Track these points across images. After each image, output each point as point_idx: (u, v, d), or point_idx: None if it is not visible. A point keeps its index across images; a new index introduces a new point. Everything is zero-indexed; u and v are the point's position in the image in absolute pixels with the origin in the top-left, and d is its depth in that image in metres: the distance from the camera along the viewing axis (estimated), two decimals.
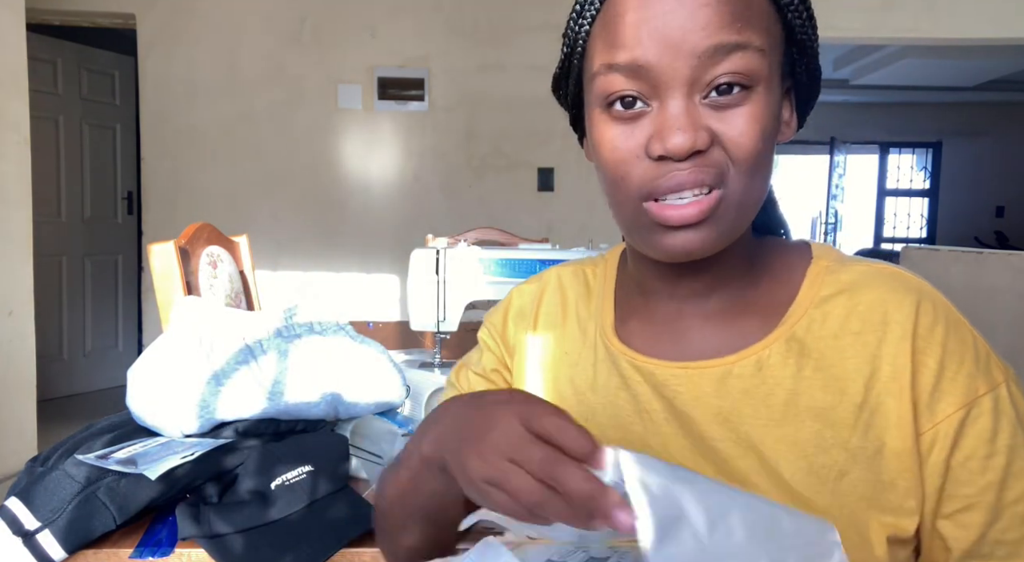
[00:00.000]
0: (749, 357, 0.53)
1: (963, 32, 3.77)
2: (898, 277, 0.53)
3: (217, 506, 0.84)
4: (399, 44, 3.66)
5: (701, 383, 0.54)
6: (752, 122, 0.48)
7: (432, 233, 2.51)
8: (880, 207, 7.74)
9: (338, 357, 1.06)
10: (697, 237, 0.49)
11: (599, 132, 0.51)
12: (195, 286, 1.54)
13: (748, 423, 0.52)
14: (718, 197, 0.48)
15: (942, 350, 0.50)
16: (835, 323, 0.52)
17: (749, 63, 0.47)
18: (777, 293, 0.56)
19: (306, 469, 0.88)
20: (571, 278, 0.66)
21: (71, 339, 4.07)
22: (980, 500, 0.49)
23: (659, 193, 0.48)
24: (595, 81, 0.50)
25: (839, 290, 0.53)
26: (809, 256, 0.57)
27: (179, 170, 3.62)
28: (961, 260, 2.10)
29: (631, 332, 0.60)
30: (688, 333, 0.57)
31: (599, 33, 0.50)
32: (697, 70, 0.47)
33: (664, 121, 0.47)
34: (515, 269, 1.42)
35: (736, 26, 0.46)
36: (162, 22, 3.56)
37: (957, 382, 0.49)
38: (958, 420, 0.49)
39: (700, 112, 0.47)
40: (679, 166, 0.47)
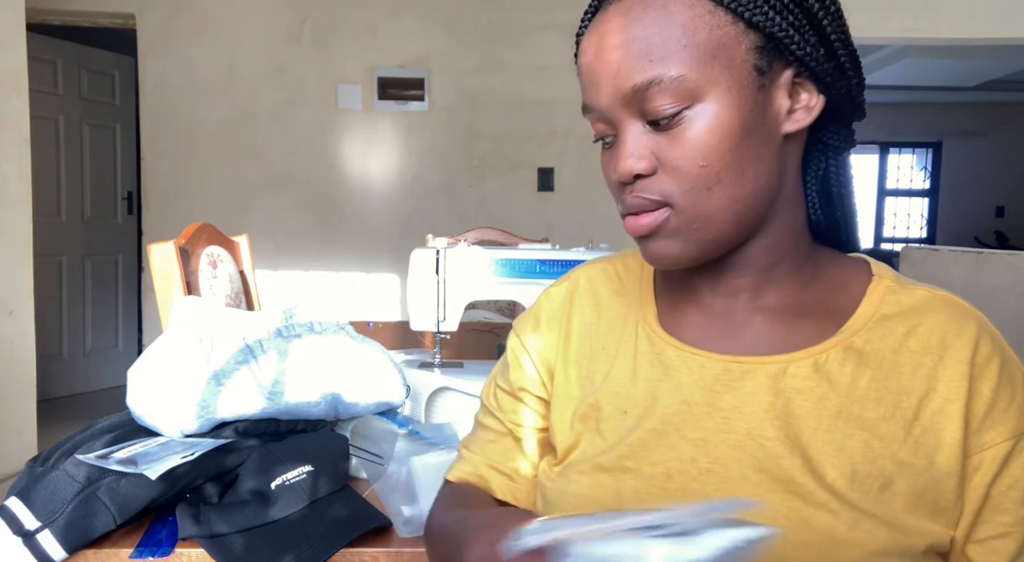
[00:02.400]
0: (806, 358, 0.54)
1: (963, 32, 3.77)
2: (959, 305, 0.56)
3: (217, 506, 0.84)
4: (399, 44, 3.66)
5: (756, 378, 0.54)
6: (693, 141, 0.51)
7: (432, 233, 2.51)
8: (880, 207, 7.75)
9: (338, 357, 1.06)
10: (659, 246, 0.55)
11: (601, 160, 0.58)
12: (195, 286, 1.55)
13: (799, 424, 0.52)
14: (667, 214, 0.53)
15: (996, 381, 0.52)
16: (895, 340, 0.54)
17: (669, 93, 0.50)
18: (835, 301, 0.57)
19: (306, 469, 0.88)
20: (600, 275, 0.67)
21: (71, 339, 4.07)
22: (1015, 530, 0.51)
23: (625, 211, 0.55)
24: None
25: (902, 311, 0.55)
26: (869, 272, 0.59)
27: (179, 170, 3.62)
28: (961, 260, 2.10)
29: (679, 323, 0.60)
30: (742, 327, 0.58)
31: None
32: (630, 107, 0.52)
33: (615, 151, 0.54)
34: (515, 269, 1.42)
35: (642, 65, 0.50)
36: (162, 22, 3.56)
37: (1009, 413, 0.51)
38: (1006, 450, 0.51)
39: (648, 139, 0.52)
40: (627, 189, 0.54)
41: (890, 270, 0.59)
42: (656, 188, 0.52)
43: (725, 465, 0.53)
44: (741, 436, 0.53)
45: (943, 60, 5.31)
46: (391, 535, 0.84)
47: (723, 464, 0.53)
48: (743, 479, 0.52)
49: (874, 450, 0.51)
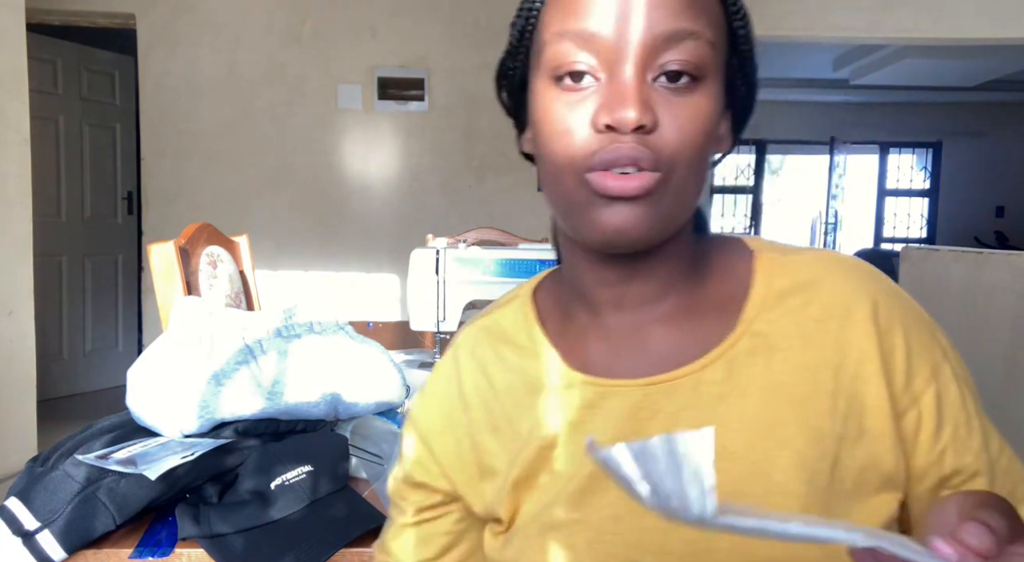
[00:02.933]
0: (718, 360, 0.52)
1: (963, 32, 3.77)
2: (845, 262, 0.54)
3: (217, 506, 0.84)
4: (399, 44, 3.66)
5: (677, 396, 0.52)
6: (698, 114, 0.48)
7: (432, 233, 2.51)
8: (880, 207, 7.75)
9: (338, 357, 1.06)
10: (633, 214, 0.48)
11: (544, 104, 0.49)
12: (195, 286, 1.54)
13: (732, 429, 0.50)
14: (659, 178, 0.47)
15: (904, 328, 0.51)
16: (796, 313, 0.52)
17: (701, 53, 0.47)
18: (727, 289, 0.55)
19: (306, 469, 0.88)
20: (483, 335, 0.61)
21: (71, 339, 4.07)
22: (979, 464, 0.51)
23: (600, 166, 0.47)
24: (545, 50, 0.49)
25: (794, 282, 0.53)
26: (748, 250, 0.56)
27: (179, 170, 3.62)
28: (961, 260, 2.10)
29: (586, 358, 0.56)
30: (648, 343, 0.54)
31: (554, 2, 0.49)
32: (651, 49, 0.46)
33: (613, 92, 0.46)
34: (515, 269, 1.42)
35: (690, 12, 0.47)
36: (162, 22, 3.56)
37: (923, 356, 0.51)
38: (934, 393, 0.50)
39: (650, 92, 0.47)
40: (623, 138, 0.46)
41: (767, 241, 0.57)
42: (655, 146, 0.47)
43: None
44: None
45: (943, 60, 5.31)
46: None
47: None
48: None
49: (811, 431, 0.49)
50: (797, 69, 6.27)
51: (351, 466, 0.99)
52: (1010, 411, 1.84)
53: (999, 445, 0.52)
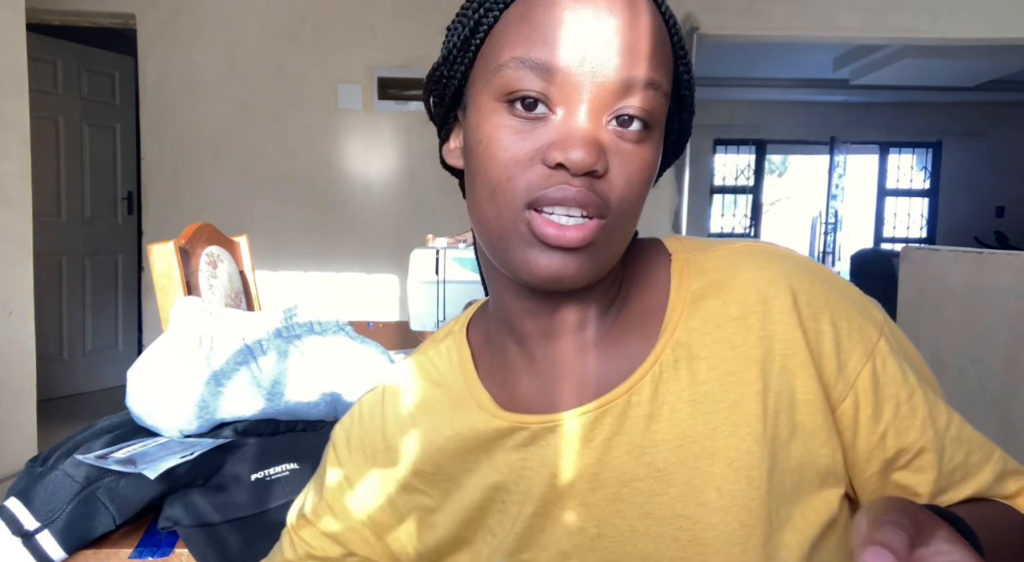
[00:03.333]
0: (643, 379, 0.50)
1: (963, 32, 3.77)
2: (759, 251, 0.52)
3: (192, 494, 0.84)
4: (399, 44, 3.66)
5: (606, 424, 0.50)
6: (644, 164, 0.47)
7: (432, 233, 2.51)
8: (880, 207, 7.75)
9: (338, 357, 1.06)
10: (572, 263, 0.46)
11: (491, 127, 0.47)
12: (195, 286, 1.54)
13: (664, 449, 0.49)
14: (599, 226, 0.46)
15: (830, 311, 0.49)
16: (714, 315, 0.50)
17: (656, 104, 0.46)
18: (648, 301, 0.53)
19: (290, 467, 0.88)
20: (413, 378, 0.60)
21: (71, 339, 4.07)
22: (924, 440, 0.50)
23: (545, 203, 0.45)
24: (500, 73, 0.46)
25: (708, 281, 0.52)
26: (666, 253, 0.55)
27: (179, 170, 3.62)
28: (961, 260, 2.10)
29: (515, 395, 0.55)
30: (577, 371, 0.53)
31: (515, 22, 0.46)
32: (613, 93, 0.45)
33: (569, 130, 0.45)
34: None
35: (653, 62, 0.46)
36: (162, 22, 3.56)
37: (853, 337, 0.49)
38: (869, 373, 0.49)
39: (603, 135, 0.46)
40: (572, 180, 0.44)
41: (685, 240, 0.56)
42: (603, 193, 0.45)
43: (611, 523, 0.50)
44: (615, 488, 0.50)
45: (943, 60, 5.31)
46: None
47: (609, 523, 0.50)
48: (631, 531, 0.49)
49: (744, 439, 0.48)
50: (797, 69, 6.27)
51: None
52: (1010, 411, 1.84)
53: (947, 415, 0.51)
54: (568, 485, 0.51)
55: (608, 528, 0.50)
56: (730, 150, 7.50)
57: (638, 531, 0.49)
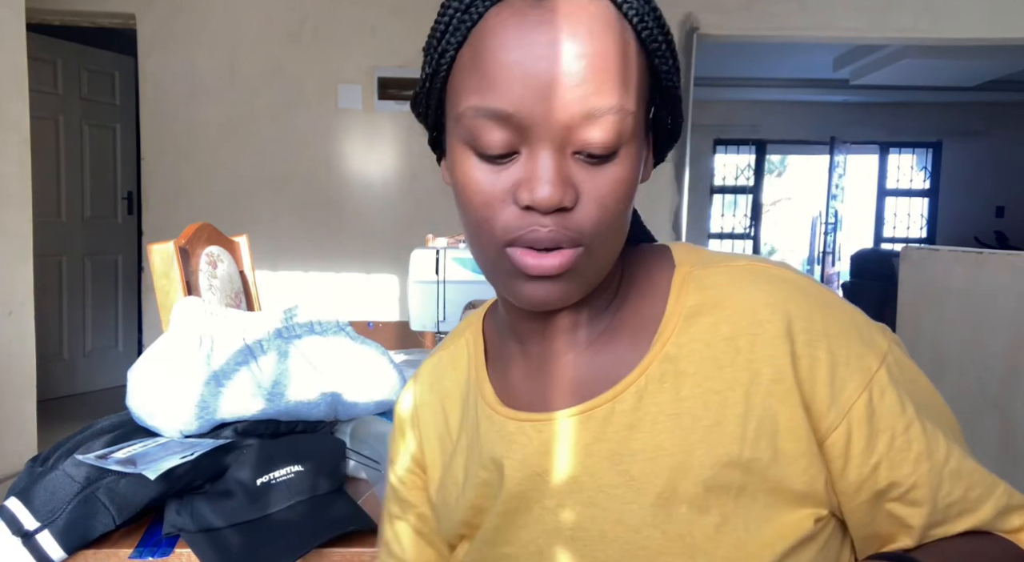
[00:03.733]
0: (628, 389, 0.51)
1: (963, 32, 3.77)
2: (761, 272, 0.52)
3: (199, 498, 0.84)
4: (399, 44, 3.66)
5: (589, 429, 0.51)
6: (618, 184, 0.47)
7: (432, 233, 2.51)
8: (880, 207, 7.75)
9: (338, 357, 1.06)
10: (556, 289, 0.48)
11: (463, 171, 0.48)
12: (195, 286, 1.54)
13: (640, 459, 0.49)
14: (576, 254, 0.47)
15: (827, 338, 0.49)
16: (705, 333, 0.50)
17: (620, 128, 0.45)
18: (644, 310, 0.54)
19: (295, 469, 0.88)
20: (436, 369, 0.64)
21: (71, 339, 4.07)
22: (918, 474, 0.49)
23: (520, 244, 0.47)
24: (461, 121, 0.47)
25: (705, 298, 0.51)
26: (672, 263, 0.55)
27: (179, 170, 3.62)
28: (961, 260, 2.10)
29: (511, 390, 0.57)
30: (567, 372, 0.54)
31: (467, 65, 0.47)
32: (569, 128, 0.45)
33: (533, 171, 0.45)
34: None
35: (609, 86, 0.45)
36: (162, 22, 3.56)
37: (851, 365, 0.48)
38: (864, 403, 0.48)
39: (570, 167, 0.46)
40: (542, 221, 0.46)
41: (694, 251, 0.55)
42: (576, 225, 0.46)
43: (584, 527, 0.51)
44: (591, 492, 0.51)
45: (943, 60, 5.31)
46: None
47: (582, 526, 0.51)
48: (601, 535, 0.50)
49: (719, 459, 0.48)
50: (797, 69, 6.27)
51: (351, 467, 0.99)
52: (1010, 411, 1.84)
53: (945, 450, 0.50)
54: (551, 484, 0.52)
55: (581, 531, 0.51)
56: (730, 150, 7.50)
57: (608, 536, 0.50)
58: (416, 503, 0.64)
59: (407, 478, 0.65)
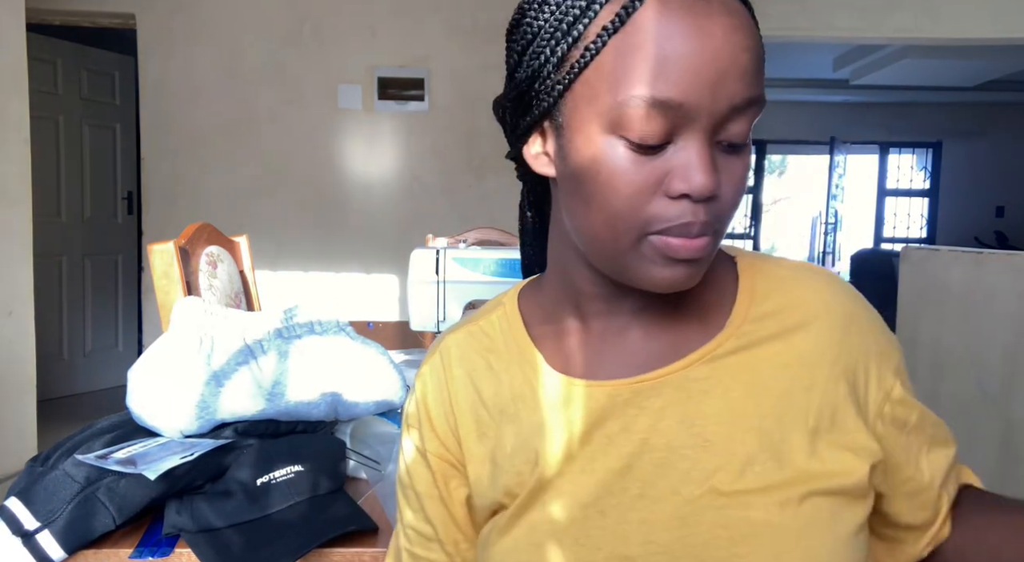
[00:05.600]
0: (703, 358, 0.54)
1: (963, 32, 3.77)
2: (815, 268, 0.59)
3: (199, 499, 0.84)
4: (399, 44, 3.66)
5: (662, 393, 0.54)
6: (745, 171, 0.50)
7: (432, 233, 2.51)
8: (880, 207, 7.75)
9: (338, 357, 1.06)
10: (691, 271, 0.50)
11: (606, 158, 0.48)
12: (195, 286, 1.54)
13: (714, 422, 0.52)
14: (716, 238, 0.50)
15: (870, 329, 0.56)
16: (778, 315, 0.55)
17: (756, 117, 0.49)
18: (712, 294, 0.57)
19: (295, 469, 0.87)
20: (469, 339, 0.63)
21: (71, 339, 4.07)
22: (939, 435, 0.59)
23: (672, 233, 0.48)
24: (620, 110, 0.46)
25: (775, 285, 0.56)
26: (728, 257, 0.60)
27: (179, 170, 3.62)
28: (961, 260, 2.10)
29: (570, 359, 0.58)
30: (632, 346, 0.57)
31: (629, 52, 0.46)
32: (726, 119, 0.47)
33: (689, 160, 0.46)
34: (515, 269, 1.42)
35: (759, 78, 0.48)
36: (162, 22, 3.56)
37: (885, 355, 0.56)
38: (899, 393, 0.56)
39: (716, 156, 0.48)
40: (695, 210, 0.47)
41: (737, 248, 0.61)
42: (719, 211, 0.49)
43: (653, 485, 0.52)
44: (662, 453, 0.53)
45: (943, 60, 5.31)
46: (391, 536, 0.84)
47: (651, 484, 0.52)
48: (673, 494, 0.52)
49: (787, 424, 0.52)
50: (797, 69, 6.27)
51: (351, 467, 0.99)
52: (1010, 411, 1.84)
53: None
54: (620, 445, 0.54)
55: (651, 489, 0.53)
56: None
57: (680, 494, 0.52)
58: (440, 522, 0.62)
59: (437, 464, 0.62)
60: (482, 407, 0.60)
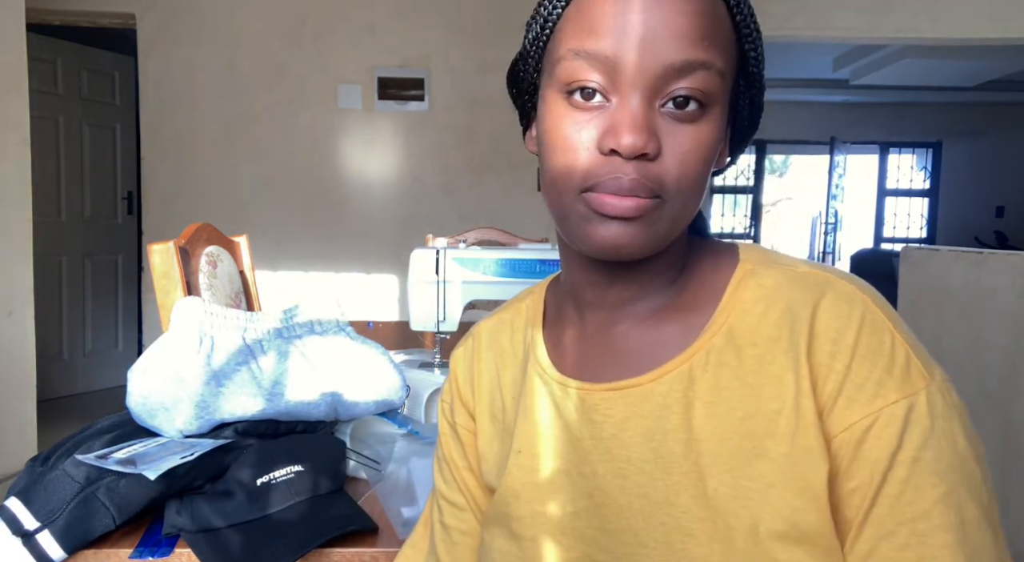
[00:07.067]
0: (672, 371, 0.53)
1: (963, 32, 3.77)
2: (817, 279, 0.51)
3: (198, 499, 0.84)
4: (399, 44, 3.66)
5: (627, 403, 0.54)
6: (700, 143, 0.49)
7: (432, 233, 2.51)
8: (880, 207, 7.75)
9: (338, 357, 1.06)
10: (628, 231, 0.49)
11: (553, 117, 0.51)
12: (195, 286, 1.54)
13: (672, 439, 0.51)
14: (655, 203, 0.49)
15: (851, 354, 0.47)
16: (751, 329, 0.51)
17: (709, 83, 0.48)
18: (701, 296, 0.55)
19: (295, 469, 0.87)
20: (499, 326, 0.66)
21: (71, 339, 4.07)
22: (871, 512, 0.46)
23: (600, 190, 0.49)
24: (559, 65, 0.50)
25: (759, 295, 0.52)
26: (736, 259, 0.56)
27: (179, 170, 3.62)
28: (961, 260, 2.10)
29: (563, 355, 0.60)
30: (618, 344, 0.57)
31: (572, 16, 0.50)
32: (662, 78, 0.47)
33: (620, 117, 0.48)
34: (515, 269, 1.42)
35: (704, 43, 0.47)
36: (162, 22, 3.56)
37: (865, 389, 0.47)
38: (862, 428, 0.46)
39: (656, 119, 0.48)
40: (624, 167, 0.48)
41: (763, 252, 0.56)
42: (655, 175, 0.48)
43: (613, 497, 0.53)
44: (622, 464, 0.53)
45: (943, 60, 5.31)
46: (391, 536, 0.84)
47: (611, 496, 0.53)
48: (627, 507, 0.52)
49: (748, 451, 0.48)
50: (797, 69, 6.27)
51: (351, 467, 0.99)
52: (1010, 411, 1.84)
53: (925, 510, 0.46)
54: (588, 451, 0.55)
55: (611, 500, 0.53)
56: None
57: (633, 508, 0.52)
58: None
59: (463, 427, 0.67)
60: (499, 391, 0.63)
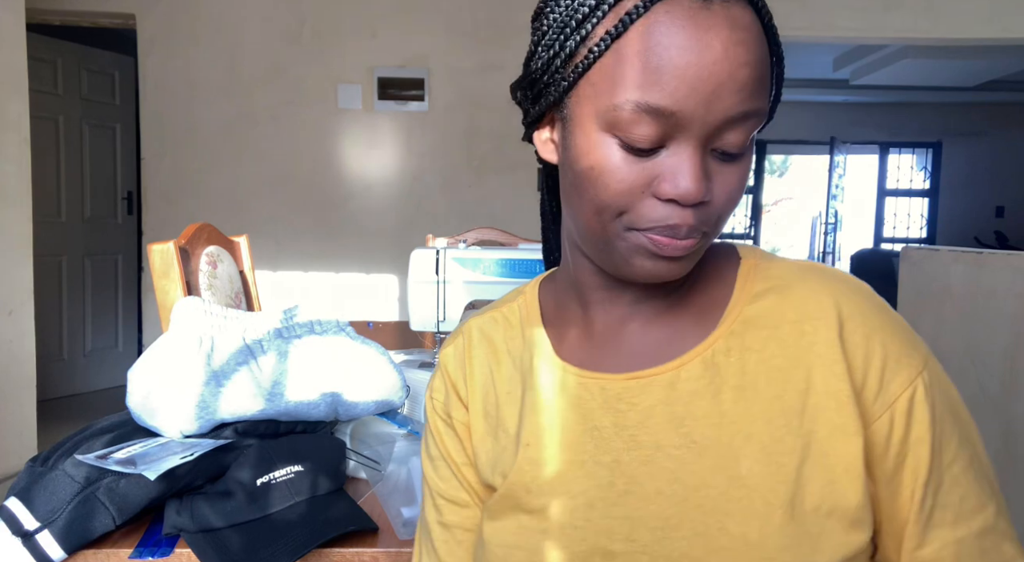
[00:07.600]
0: (695, 358, 0.54)
1: (963, 32, 3.77)
2: (821, 268, 0.56)
3: (199, 499, 0.84)
4: (399, 44, 3.66)
5: (653, 390, 0.54)
6: (742, 177, 0.51)
7: (432, 233, 2.51)
8: (880, 207, 7.75)
9: (338, 357, 1.06)
10: (676, 267, 0.51)
11: (600, 156, 0.49)
12: (195, 286, 1.54)
13: (702, 424, 0.52)
14: (704, 240, 0.51)
15: (881, 333, 0.52)
16: (771, 315, 0.54)
17: (757, 126, 0.49)
18: (711, 292, 0.57)
19: (295, 469, 0.87)
20: (490, 323, 0.66)
21: (71, 339, 4.07)
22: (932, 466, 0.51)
23: (658, 232, 0.49)
24: (615, 112, 0.47)
25: (771, 285, 0.55)
26: (737, 257, 0.59)
27: (179, 170, 3.62)
28: (961, 260, 2.10)
29: (573, 349, 0.60)
30: (629, 340, 0.58)
31: (629, 57, 0.47)
32: (719, 128, 0.47)
33: (679, 166, 0.48)
34: (515, 269, 1.43)
35: (760, 92, 0.48)
36: (162, 22, 3.56)
37: (902, 363, 0.51)
38: (908, 398, 0.51)
39: (709, 163, 0.49)
40: (682, 214, 0.48)
41: (759, 250, 0.60)
42: (708, 217, 0.50)
43: (640, 483, 0.53)
44: (649, 451, 0.53)
45: (943, 60, 5.31)
46: (391, 536, 0.84)
47: (638, 482, 0.53)
48: (657, 493, 0.52)
49: (778, 428, 0.51)
50: (797, 69, 6.27)
51: (351, 467, 0.99)
52: (1010, 411, 1.84)
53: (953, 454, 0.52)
54: (609, 440, 0.55)
55: (637, 487, 0.53)
56: None
57: (664, 494, 0.52)
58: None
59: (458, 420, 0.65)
60: (492, 387, 0.63)
